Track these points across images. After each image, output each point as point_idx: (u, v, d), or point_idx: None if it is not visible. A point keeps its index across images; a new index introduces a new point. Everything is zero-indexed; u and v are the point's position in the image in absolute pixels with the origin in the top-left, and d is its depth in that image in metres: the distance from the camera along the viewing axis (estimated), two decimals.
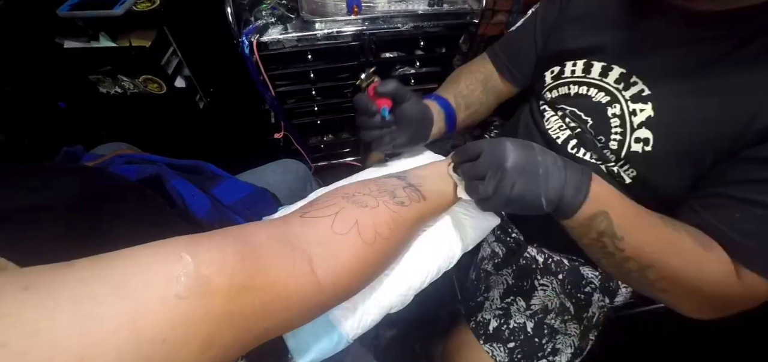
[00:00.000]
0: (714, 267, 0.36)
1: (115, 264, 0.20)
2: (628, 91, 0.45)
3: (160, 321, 0.19)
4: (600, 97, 0.48)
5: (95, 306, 0.17)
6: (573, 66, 0.51)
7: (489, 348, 0.56)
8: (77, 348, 0.16)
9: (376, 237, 0.32)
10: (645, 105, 0.43)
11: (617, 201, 0.37)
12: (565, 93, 0.53)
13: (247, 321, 0.23)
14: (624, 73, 0.46)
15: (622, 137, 0.46)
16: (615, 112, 0.46)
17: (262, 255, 0.26)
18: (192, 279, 0.21)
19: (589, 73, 0.49)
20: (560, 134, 0.54)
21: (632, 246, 0.37)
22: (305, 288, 0.27)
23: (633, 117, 0.45)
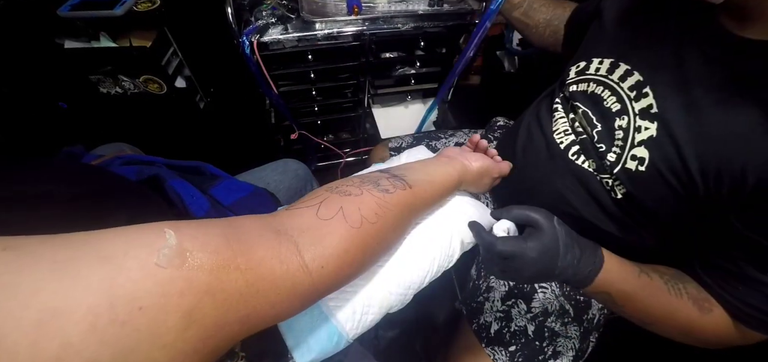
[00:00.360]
0: (711, 329, 0.41)
1: (100, 235, 0.20)
2: (637, 103, 0.45)
3: (138, 288, 0.19)
4: (612, 104, 0.47)
5: (73, 267, 0.18)
6: (599, 63, 0.51)
7: (491, 351, 0.56)
8: (50, 304, 0.16)
9: (362, 222, 0.32)
10: (651, 124, 0.43)
11: (620, 283, 0.42)
12: (583, 89, 0.52)
13: (231, 300, 0.23)
14: (640, 81, 0.45)
15: (620, 151, 0.46)
16: (621, 125, 0.46)
17: (247, 238, 0.26)
18: (173, 250, 0.21)
19: (612, 74, 0.49)
20: (564, 139, 0.54)
21: (633, 311, 0.43)
22: (293, 272, 0.27)
23: (637, 133, 0.44)
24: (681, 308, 0.41)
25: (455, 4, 0.90)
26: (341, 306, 0.39)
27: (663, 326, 0.43)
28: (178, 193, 0.44)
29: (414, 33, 0.90)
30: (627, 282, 0.42)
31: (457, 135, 0.84)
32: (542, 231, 0.41)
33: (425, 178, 0.42)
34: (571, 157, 0.52)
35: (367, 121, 1.16)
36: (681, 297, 0.42)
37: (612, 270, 0.42)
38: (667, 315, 0.42)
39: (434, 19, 0.89)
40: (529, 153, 0.59)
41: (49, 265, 0.17)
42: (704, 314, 0.41)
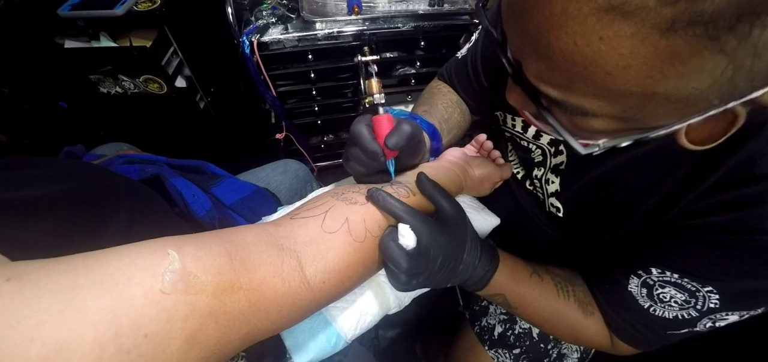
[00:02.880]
0: (591, 331, 0.43)
1: (102, 259, 0.20)
2: (554, 159, 0.48)
3: (142, 316, 0.19)
4: (537, 155, 0.51)
5: (76, 297, 0.17)
6: (513, 120, 0.52)
7: (494, 354, 0.56)
8: (56, 338, 0.16)
9: (366, 235, 0.32)
10: (556, 178, 0.48)
11: (513, 285, 0.43)
12: (510, 137, 0.55)
13: (234, 320, 0.23)
14: (554, 139, 0.48)
15: (542, 197, 0.52)
16: (537, 175, 0.51)
17: (249, 255, 0.25)
18: (177, 275, 0.21)
19: (526, 132, 0.51)
20: (520, 170, 0.57)
21: (524, 314, 0.45)
22: (294, 289, 0.27)
23: (547, 185, 0.49)
24: (567, 310, 0.43)
25: (455, 4, 0.90)
26: (340, 307, 0.39)
27: (552, 327, 0.45)
28: (179, 192, 0.44)
29: (414, 33, 0.90)
30: (520, 284, 0.43)
31: None
32: (453, 217, 0.38)
33: None
34: (528, 187, 0.56)
35: None
36: (568, 299, 0.43)
37: (505, 271, 0.42)
38: (555, 316, 0.43)
39: (434, 19, 0.89)
40: None
41: (53, 296, 0.17)
42: (586, 317, 0.43)
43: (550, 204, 0.50)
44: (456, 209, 0.38)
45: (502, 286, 0.42)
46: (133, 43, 0.81)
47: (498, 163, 0.53)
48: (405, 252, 0.32)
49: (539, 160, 0.50)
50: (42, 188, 0.29)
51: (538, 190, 0.52)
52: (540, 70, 0.24)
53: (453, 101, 0.61)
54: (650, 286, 0.38)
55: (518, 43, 0.25)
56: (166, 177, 0.45)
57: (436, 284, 0.38)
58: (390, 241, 0.32)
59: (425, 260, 0.34)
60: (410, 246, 0.33)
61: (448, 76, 0.63)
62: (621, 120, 0.24)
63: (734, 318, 0.34)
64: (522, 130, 0.51)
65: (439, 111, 0.58)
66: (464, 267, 0.38)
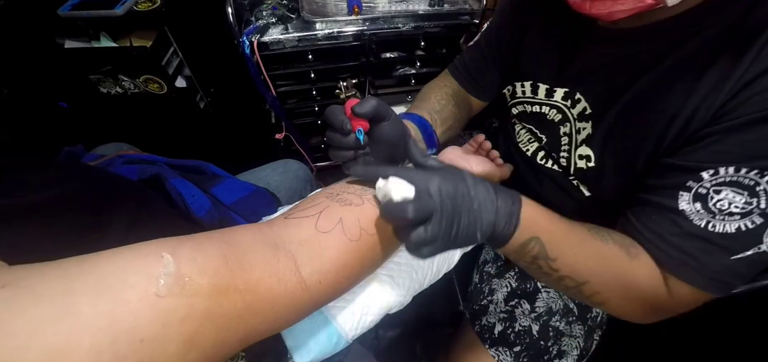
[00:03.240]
0: (641, 273, 0.37)
1: (97, 263, 0.20)
2: (575, 109, 0.47)
3: (139, 320, 0.19)
4: (553, 115, 0.50)
5: (73, 304, 0.17)
6: (522, 87, 0.54)
7: (495, 352, 0.56)
8: (52, 344, 0.16)
9: (361, 234, 0.32)
10: (586, 123, 0.46)
11: (546, 223, 0.37)
12: (522, 110, 0.55)
13: (231, 322, 0.23)
14: (568, 91, 0.48)
15: (568, 154, 0.49)
16: (565, 131, 0.49)
17: (245, 256, 0.25)
18: (172, 278, 0.20)
19: (537, 94, 0.52)
20: (529, 146, 0.56)
21: (566, 265, 0.37)
22: (291, 289, 0.27)
23: (578, 135, 0.47)
24: (611, 254, 0.37)
25: (455, 4, 0.90)
26: (341, 307, 0.39)
27: (598, 278, 0.37)
28: (179, 192, 0.44)
29: (414, 33, 0.90)
30: (553, 222, 0.37)
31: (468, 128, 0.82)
32: (440, 165, 0.35)
33: None
34: (539, 162, 0.54)
35: None
36: (607, 243, 0.38)
37: (536, 209, 0.37)
38: (601, 263, 0.37)
39: (434, 19, 0.89)
40: (507, 162, 0.59)
41: (49, 303, 0.17)
42: (632, 258, 0.37)
43: (577, 156, 0.47)
44: (441, 163, 0.35)
45: (535, 226, 0.36)
46: (133, 43, 0.81)
47: (497, 163, 0.53)
48: (406, 202, 0.29)
49: (559, 119, 0.50)
50: (41, 192, 0.29)
51: (562, 152, 0.50)
52: None
53: (448, 94, 0.61)
54: (704, 197, 0.34)
55: None
56: (165, 177, 0.45)
57: (461, 234, 0.32)
58: (388, 201, 0.30)
59: (427, 198, 0.30)
60: (407, 194, 0.29)
61: (460, 65, 0.65)
62: None
63: None
64: (532, 93, 0.52)
65: (430, 104, 0.59)
66: (479, 203, 0.33)
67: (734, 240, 0.33)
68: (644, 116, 0.40)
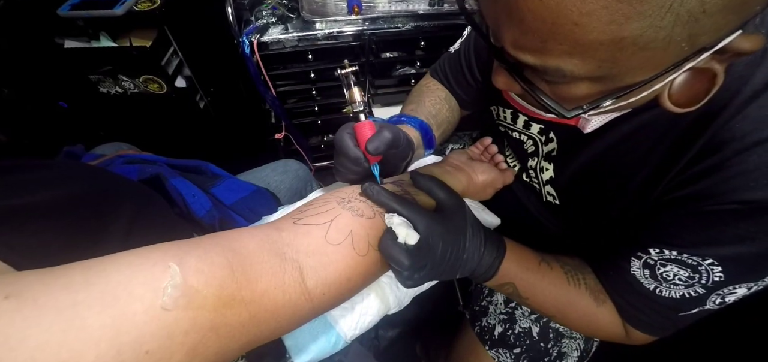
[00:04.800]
0: (605, 319, 0.42)
1: (102, 271, 0.20)
2: (546, 147, 0.48)
3: (144, 333, 0.19)
4: (529, 146, 0.51)
5: (78, 315, 0.17)
6: (504, 112, 0.53)
7: (495, 353, 0.56)
8: (57, 358, 0.16)
9: (369, 250, 0.32)
10: (549, 165, 0.47)
11: (522, 273, 0.42)
12: (504, 132, 0.55)
13: (234, 332, 0.23)
14: (542, 128, 0.48)
15: (539, 187, 0.51)
16: (532, 165, 0.51)
17: (251, 266, 0.25)
18: (179, 290, 0.20)
19: (515, 124, 0.51)
20: (515, 163, 0.57)
21: (536, 304, 0.44)
22: (294, 300, 0.27)
23: (542, 174, 0.49)
24: (579, 299, 0.42)
25: (455, 4, 0.90)
26: (340, 308, 0.39)
27: (564, 317, 0.44)
28: (179, 192, 0.44)
29: (414, 33, 0.90)
30: (528, 273, 0.42)
31: (451, 139, 0.81)
32: (449, 205, 0.38)
33: None
34: (525, 179, 0.56)
35: None
36: (579, 288, 0.42)
37: (513, 259, 0.41)
38: (566, 305, 0.42)
39: (434, 19, 0.89)
40: None
41: (54, 315, 0.17)
42: (599, 305, 0.42)
43: (546, 192, 0.50)
44: (453, 198, 0.38)
45: (511, 275, 0.41)
46: (133, 43, 0.81)
47: (501, 167, 0.53)
48: (405, 248, 0.31)
49: (532, 151, 0.51)
50: (42, 193, 0.29)
51: (533, 181, 0.53)
52: (515, 37, 0.25)
53: (441, 98, 0.61)
54: (652, 267, 0.37)
55: (492, 15, 0.27)
56: (166, 177, 0.45)
57: (441, 275, 0.37)
58: (389, 241, 0.32)
59: (426, 252, 0.33)
60: (411, 242, 0.32)
61: (441, 71, 0.64)
62: (599, 80, 0.25)
63: (743, 292, 0.33)
64: (512, 121, 0.52)
65: (426, 108, 0.58)
66: (468, 255, 0.37)
67: (680, 303, 0.36)
68: (598, 178, 0.43)
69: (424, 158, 0.61)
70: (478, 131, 0.86)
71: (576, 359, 0.55)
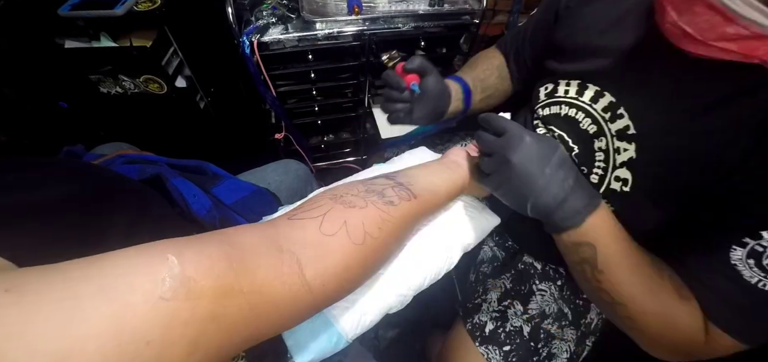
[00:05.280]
0: (685, 319, 0.37)
1: (102, 265, 0.20)
2: (613, 125, 0.44)
3: (144, 324, 0.19)
4: (587, 125, 0.47)
5: (78, 307, 0.17)
6: (567, 86, 0.50)
7: (484, 350, 0.56)
8: (59, 350, 0.16)
9: (365, 238, 0.32)
10: (629, 145, 0.43)
11: (610, 239, 0.38)
12: (556, 112, 0.52)
13: (235, 324, 0.23)
14: (613, 102, 0.44)
15: (603, 173, 0.46)
16: (601, 146, 0.46)
17: (249, 258, 0.25)
18: (177, 280, 0.21)
19: (582, 96, 0.48)
20: None
21: (610, 282, 0.38)
22: (295, 291, 0.27)
23: (616, 155, 0.44)
24: (663, 290, 0.38)
25: (455, 4, 0.90)
26: (341, 307, 0.39)
27: (637, 306, 0.38)
28: (180, 192, 0.44)
29: (414, 33, 0.90)
30: (617, 241, 0.38)
31: (454, 139, 0.83)
32: (542, 136, 0.40)
33: (431, 187, 0.42)
34: None
35: (367, 121, 1.16)
36: (662, 278, 0.39)
37: (607, 222, 0.38)
38: (648, 295, 0.38)
39: (434, 19, 0.89)
40: None
41: (54, 307, 0.17)
42: (682, 301, 0.38)
43: (613, 178, 0.45)
44: None
45: (595, 236, 0.37)
46: (134, 43, 0.81)
47: None
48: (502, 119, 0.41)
49: (593, 131, 0.46)
50: (42, 192, 0.29)
51: (595, 169, 0.47)
52: None
53: (494, 65, 0.67)
54: (759, 254, 0.32)
55: None
56: (166, 177, 0.45)
57: (512, 192, 0.39)
58: None
59: (512, 141, 0.38)
60: None
61: (503, 42, 0.69)
62: None
63: None
64: (577, 93, 0.48)
65: (475, 73, 0.67)
66: (546, 184, 0.36)
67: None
68: (704, 148, 0.37)
69: (418, 152, 0.62)
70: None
71: (565, 360, 0.55)
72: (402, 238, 0.39)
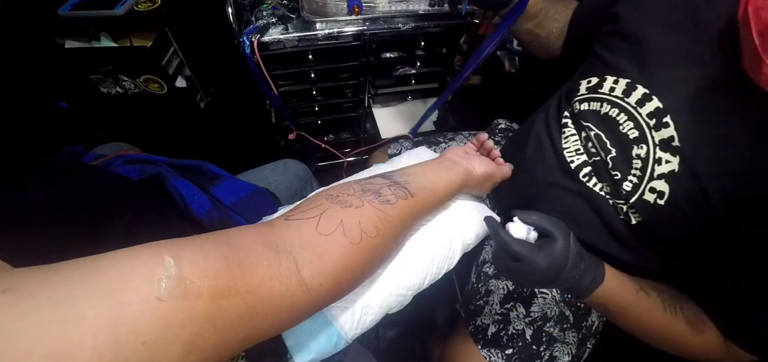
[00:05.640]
0: (701, 348, 0.42)
1: (98, 266, 0.20)
2: (657, 133, 0.42)
3: (140, 324, 0.19)
4: (628, 129, 0.44)
5: (75, 307, 0.17)
6: (614, 83, 0.46)
7: (487, 353, 0.56)
8: (55, 349, 0.16)
9: (362, 237, 0.32)
10: (673, 157, 0.40)
11: (618, 298, 0.44)
12: (595, 109, 0.48)
13: (232, 324, 0.23)
14: (660, 108, 0.41)
15: (638, 181, 0.43)
16: (639, 154, 0.43)
17: (247, 258, 0.25)
18: (173, 281, 0.21)
19: (628, 97, 0.45)
20: (576, 158, 0.51)
21: (627, 326, 0.46)
22: (292, 291, 0.27)
23: (656, 166, 0.42)
24: (674, 328, 0.43)
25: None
26: (341, 307, 0.39)
27: (653, 340, 0.45)
28: (179, 192, 0.44)
29: (414, 33, 0.90)
30: (624, 298, 0.44)
31: (457, 138, 0.83)
32: (556, 244, 0.42)
33: (428, 185, 0.42)
34: (582, 179, 0.50)
35: (367, 121, 1.16)
36: (676, 317, 0.43)
37: (610, 287, 0.44)
38: (660, 332, 0.44)
39: (434, 19, 0.89)
40: (537, 164, 0.56)
41: (51, 307, 0.17)
42: (696, 335, 0.42)
43: (648, 189, 0.42)
44: (563, 234, 0.42)
45: (604, 299, 0.44)
46: (134, 43, 0.81)
47: (497, 162, 0.53)
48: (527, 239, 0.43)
49: (634, 136, 0.44)
50: (42, 192, 0.29)
51: (631, 176, 0.44)
52: None
53: (563, 14, 0.62)
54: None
55: None
56: (166, 177, 0.45)
57: (540, 284, 0.44)
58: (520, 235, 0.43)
59: (524, 271, 0.42)
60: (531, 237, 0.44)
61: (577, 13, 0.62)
62: None
63: None
64: (624, 93, 0.45)
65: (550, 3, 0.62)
66: (561, 282, 0.43)
67: None
68: (752, 180, 0.36)
69: (418, 152, 0.61)
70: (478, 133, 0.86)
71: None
72: (400, 237, 0.39)
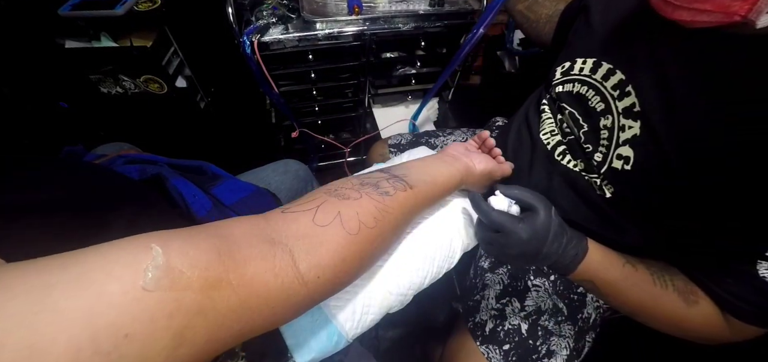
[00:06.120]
0: (699, 321, 0.41)
1: (80, 256, 0.19)
2: (621, 103, 0.45)
3: (122, 315, 0.18)
4: (596, 103, 0.48)
5: (49, 297, 0.17)
6: (582, 63, 0.51)
7: (485, 349, 0.56)
8: (26, 342, 0.15)
9: (360, 228, 0.31)
10: (634, 122, 0.43)
11: (603, 273, 0.43)
12: (569, 90, 0.52)
13: (224, 317, 0.22)
14: (623, 80, 0.45)
15: (606, 150, 0.46)
16: (606, 124, 0.47)
17: (239, 250, 0.24)
18: (161, 270, 0.20)
19: (595, 73, 0.49)
20: (551, 139, 0.55)
21: (616, 303, 0.44)
22: (287, 284, 0.26)
23: (621, 132, 0.45)
24: (666, 299, 0.42)
25: (455, 4, 0.90)
26: (341, 306, 0.39)
27: (648, 316, 0.44)
28: (180, 192, 0.44)
29: (414, 33, 0.90)
30: (609, 272, 0.43)
31: (456, 134, 0.84)
32: (538, 216, 0.42)
33: (427, 178, 0.42)
34: (557, 158, 0.53)
35: (367, 120, 1.16)
36: (666, 289, 0.42)
37: (595, 260, 0.43)
38: (651, 305, 0.42)
39: (435, 19, 0.89)
40: (519, 154, 0.60)
41: (24, 298, 0.16)
42: (690, 306, 0.41)
43: (615, 156, 0.45)
44: (544, 207, 0.42)
45: (590, 274, 0.43)
46: (134, 43, 0.81)
47: (498, 160, 0.53)
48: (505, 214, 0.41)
49: (601, 108, 0.47)
50: (41, 190, 0.29)
51: (600, 147, 0.47)
52: None
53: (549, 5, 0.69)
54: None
55: None
56: (166, 177, 0.45)
57: (524, 259, 0.43)
58: None
59: (505, 242, 0.41)
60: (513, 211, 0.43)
61: None
62: None
63: None
64: (591, 71, 0.49)
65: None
66: (543, 256, 0.42)
67: None
68: (701, 126, 0.37)
69: (417, 151, 0.62)
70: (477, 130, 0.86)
71: (565, 358, 0.55)
72: (399, 230, 0.39)
